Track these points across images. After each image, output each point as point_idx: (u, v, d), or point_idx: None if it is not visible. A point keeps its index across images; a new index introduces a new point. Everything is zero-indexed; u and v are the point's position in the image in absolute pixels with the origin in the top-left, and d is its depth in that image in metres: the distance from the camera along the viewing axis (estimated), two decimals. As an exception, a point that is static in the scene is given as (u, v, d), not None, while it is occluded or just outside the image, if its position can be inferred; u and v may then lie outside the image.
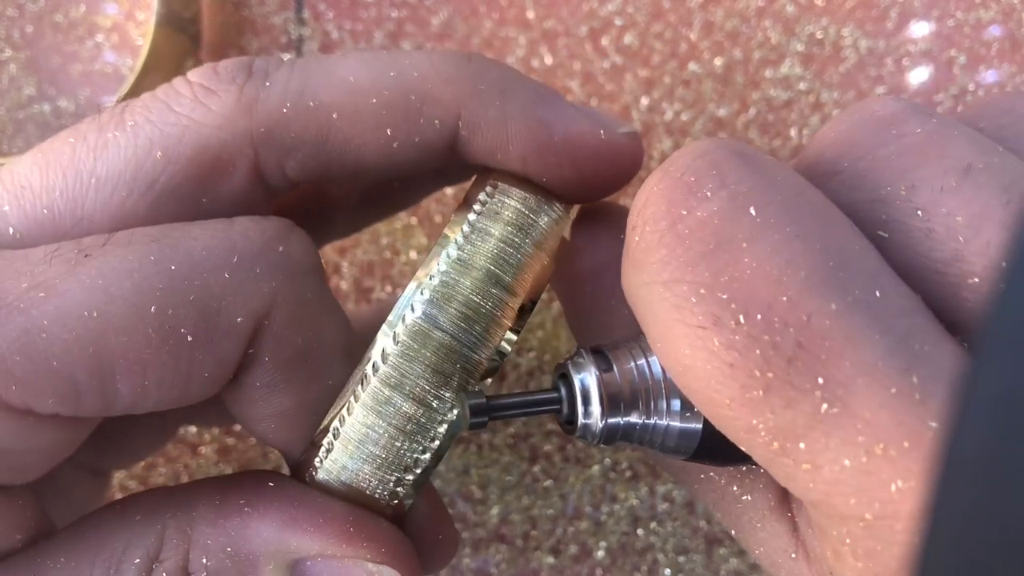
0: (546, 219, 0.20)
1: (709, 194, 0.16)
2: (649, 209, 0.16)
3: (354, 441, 0.18)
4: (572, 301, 0.21)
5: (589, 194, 0.21)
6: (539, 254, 0.19)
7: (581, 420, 0.18)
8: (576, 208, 0.22)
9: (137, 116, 0.19)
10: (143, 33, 0.34)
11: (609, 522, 0.33)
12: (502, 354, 0.19)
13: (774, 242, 0.15)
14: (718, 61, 0.33)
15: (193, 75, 0.19)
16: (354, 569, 0.18)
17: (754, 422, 0.15)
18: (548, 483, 0.33)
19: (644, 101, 0.33)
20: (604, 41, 0.34)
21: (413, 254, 0.34)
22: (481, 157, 0.20)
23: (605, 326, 0.20)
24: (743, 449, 0.16)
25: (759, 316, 0.14)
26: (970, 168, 0.16)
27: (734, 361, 0.14)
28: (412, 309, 0.18)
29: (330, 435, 0.19)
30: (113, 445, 0.24)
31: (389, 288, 0.34)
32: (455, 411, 0.19)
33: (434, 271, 0.19)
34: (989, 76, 0.33)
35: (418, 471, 0.19)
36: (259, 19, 0.34)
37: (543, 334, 0.33)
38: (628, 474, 0.33)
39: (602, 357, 0.18)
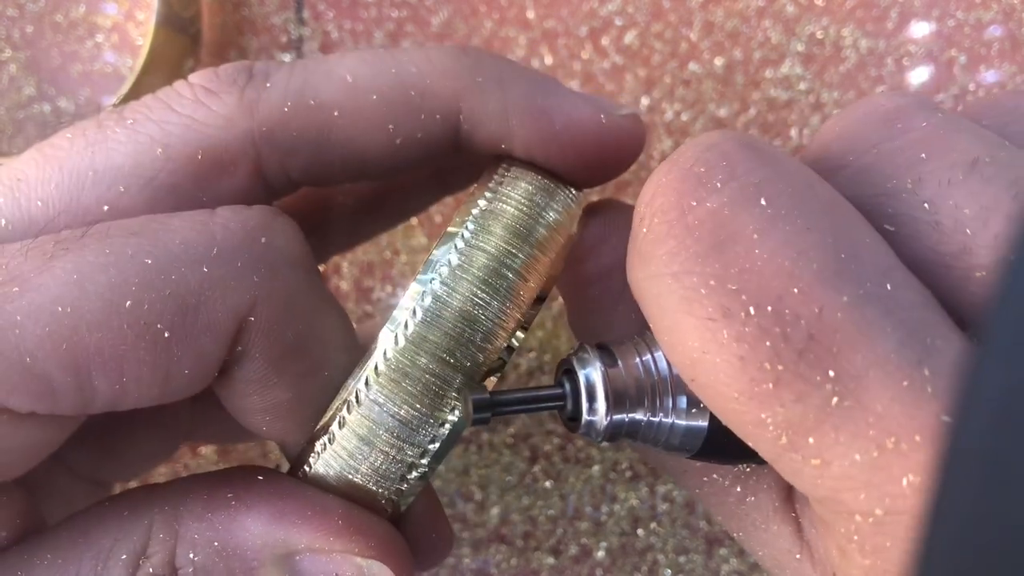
0: (555, 213, 0.19)
1: (719, 185, 0.15)
2: (658, 200, 0.16)
3: (345, 453, 0.18)
4: (577, 303, 0.21)
5: (594, 178, 0.21)
6: (543, 256, 0.19)
7: (585, 417, 0.17)
8: (582, 204, 0.22)
9: (137, 115, 0.19)
10: (143, 33, 0.34)
11: (609, 522, 0.33)
12: (510, 349, 0.19)
13: (785, 233, 0.15)
14: (718, 61, 0.33)
15: (194, 78, 0.20)
16: (344, 564, 0.18)
17: (763, 416, 0.14)
18: (548, 483, 0.33)
19: (644, 101, 0.33)
20: (604, 41, 0.34)
21: (413, 254, 0.34)
22: (485, 148, 0.20)
23: (609, 329, 0.20)
24: (750, 445, 0.15)
25: (770, 308, 0.14)
26: (977, 162, 0.16)
27: (744, 353, 0.14)
28: (406, 327, 0.18)
29: (323, 440, 0.18)
30: (113, 456, 0.24)
31: (389, 288, 0.34)
32: (446, 427, 0.18)
33: (434, 274, 0.18)
34: (989, 76, 0.33)
35: (409, 483, 0.19)
36: (259, 19, 0.34)
37: (543, 334, 0.33)
38: (628, 474, 0.33)
39: (607, 353, 0.18)
